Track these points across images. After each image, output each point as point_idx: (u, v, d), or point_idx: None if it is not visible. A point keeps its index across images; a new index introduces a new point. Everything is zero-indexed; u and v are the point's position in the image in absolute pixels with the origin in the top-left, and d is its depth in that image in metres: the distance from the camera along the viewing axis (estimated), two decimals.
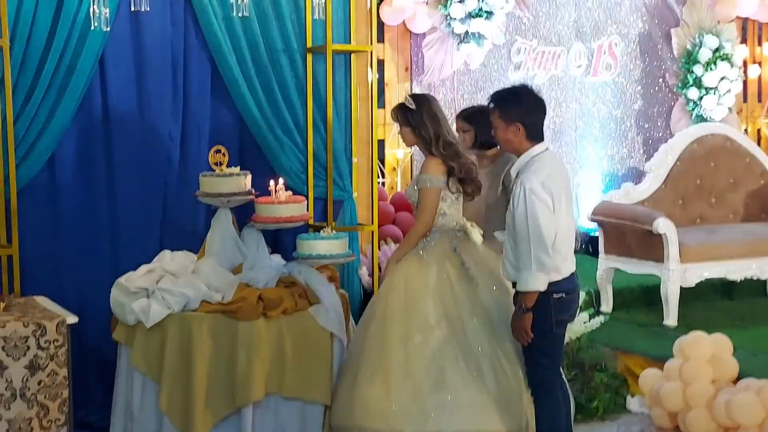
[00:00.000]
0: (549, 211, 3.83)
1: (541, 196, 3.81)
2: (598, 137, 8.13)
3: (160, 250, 4.98)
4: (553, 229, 3.83)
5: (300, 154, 5.53)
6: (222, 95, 5.37)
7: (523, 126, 3.89)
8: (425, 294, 4.29)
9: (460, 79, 7.41)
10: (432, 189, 4.40)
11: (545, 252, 3.82)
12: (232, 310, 4.50)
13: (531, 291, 3.88)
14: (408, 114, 4.50)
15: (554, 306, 3.93)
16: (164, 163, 5.23)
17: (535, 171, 3.87)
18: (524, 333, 3.95)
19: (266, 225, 4.84)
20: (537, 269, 3.83)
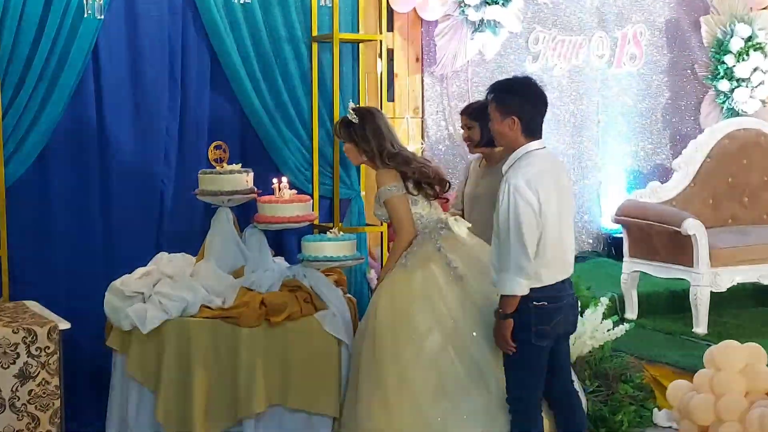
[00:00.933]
0: (533, 212, 3.80)
1: (526, 195, 3.79)
2: (622, 132, 8.11)
3: (156, 252, 5.01)
4: (535, 232, 3.81)
5: (305, 150, 5.56)
6: (222, 88, 5.41)
7: (519, 119, 3.87)
8: (412, 303, 4.32)
9: (474, 70, 7.40)
10: (396, 196, 4.47)
11: (525, 255, 3.79)
12: (234, 315, 4.52)
13: (509, 295, 3.87)
14: (351, 129, 4.56)
15: (534, 314, 3.89)
16: (161, 159, 5.27)
17: (522, 168, 3.85)
18: (504, 341, 3.93)
19: (269, 225, 4.87)
20: (516, 273, 3.82)
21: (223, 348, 4.52)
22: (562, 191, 3.95)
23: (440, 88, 7.33)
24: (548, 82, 7.72)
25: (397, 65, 7.28)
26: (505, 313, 3.89)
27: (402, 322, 4.28)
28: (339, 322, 4.65)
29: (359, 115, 4.57)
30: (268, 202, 4.86)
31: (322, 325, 4.61)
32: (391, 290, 4.40)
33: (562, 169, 4.06)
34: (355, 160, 4.69)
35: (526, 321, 3.89)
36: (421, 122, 7.30)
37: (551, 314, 3.93)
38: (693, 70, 8.22)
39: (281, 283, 4.77)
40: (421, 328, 4.25)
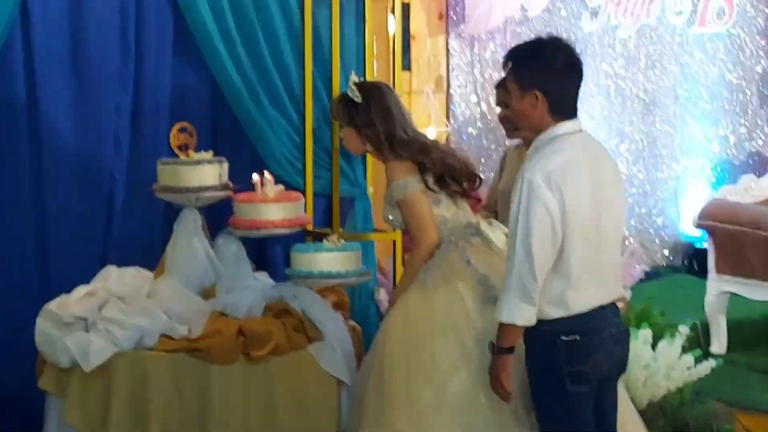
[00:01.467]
0: (549, 218, 3.73)
1: (542, 194, 3.71)
2: (706, 111, 8.10)
3: (103, 266, 5.00)
4: (549, 244, 3.74)
5: (295, 134, 5.57)
6: (188, 52, 5.41)
7: (544, 95, 3.82)
8: (432, 332, 4.28)
9: (514, 30, 7.39)
10: (412, 194, 4.45)
11: (530, 272, 3.72)
12: (202, 348, 4.52)
13: (507, 324, 3.80)
14: (352, 110, 4.56)
15: (565, 352, 3.81)
16: (109, 146, 5.28)
17: (543, 158, 3.78)
18: (499, 385, 3.87)
19: (249, 232, 4.87)
20: (517, 296, 3.74)
21: (190, 389, 4.51)
22: (604, 189, 3.87)
23: (470, 53, 7.33)
24: (610, 45, 7.73)
25: (415, 24, 7.27)
26: (500, 346, 3.83)
27: (419, 357, 4.26)
28: (338, 356, 4.64)
29: (363, 92, 4.57)
30: (247, 201, 4.87)
31: (316, 360, 4.61)
32: (405, 315, 4.38)
33: (606, 159, 3.98)
34: (355, 149, 4.69)
35: (555, 362, 3.82)
36: (445, 98, 7.30)
37: (589, 351, 3.85)
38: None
39: (264, 306, 4.77)
40: (444, 366, 4.23)
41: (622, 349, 3.99)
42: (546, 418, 3.94)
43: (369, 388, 4.33)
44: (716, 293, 6.66)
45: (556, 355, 3.81)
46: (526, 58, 3.89)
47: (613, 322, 3.93)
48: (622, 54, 7.74)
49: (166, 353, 4.54)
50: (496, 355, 3.85)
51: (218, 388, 4.50)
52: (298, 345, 4.63)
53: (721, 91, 8.14)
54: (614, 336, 3.92)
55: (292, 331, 4.65)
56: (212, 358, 4.50)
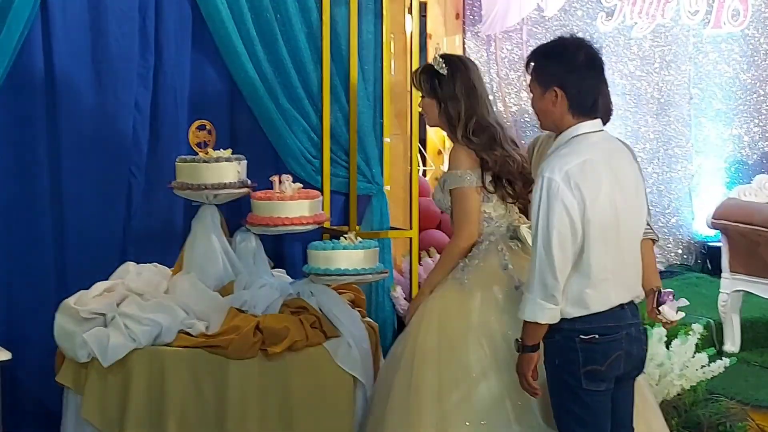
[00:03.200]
0: (568, 217, 3.72)
1: (561, 191, 3.71)
2: (720, 111, 8.07)
3: (122, 262, 5.00)
4: (569, 243, 3.74)
5: (313, 133, 5.55)
6: (207, 50, 5.39)
7: (564, 92, 3.81)
8: (466, 334, 4.23)
9: (531, 30, 7.40)
10: (468, 189, 4.37)
11: (551, 271, 3.72)
12: (221, 344, 4.51)
13: (531, 323, 3.81)
14: (435, 81, 4.48)
15: (582, 352, 3.80)
16: (129, 142, 5.26)
17: (563, 156, 3.77)
18: (526, 381, 3.87)
19: (266, 229, 4.85)
20: (539, 295, 3.75)
21: (207, 385, 4.51)
22: (624, 189, 3.86)
23: (487, 53, 7.34)
24: (626, 45, 7.73)
25: (432, 23, 7.29)
26: (525, 344, 3.85)
27: (450, 359, 4.21)
28: (354, 353, 4.63)
29: (449, 64, 4.46)
30: (266, 198, 4.84)
31: (333, 357, 4.61)
32: (441, 312, 4.32)
33: (626, 159, 3.96)
34: (432, 121, 4.55)
35: (573, 361, 3.82)
36: None
37: (606, 350, 3.84)
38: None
39: (281, 303, 4.76)
40: (474, 371, 4.18)
41: (640, 349, 3.97)
42: (563, 415, 3.93)
43: (398, 379, 4.27)
44: (730, 292, 6.65)
45: (574, 353, 3.82)
46: (546, 55, 3.90)
47: (632, 321, 3.91)
48: (637, 54, 7.74)
49: (184, 349, 4.54)
50: (524, 353, 3.86)
51: (235, 384, 4.49)
52: (315, 341, 4.62)
53: (735, 91, 8.11)
54: (632, 335, 3.90)
55: (309, 328, 4.63)
56: (230, 354, 4.50)
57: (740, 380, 5.95)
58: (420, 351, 4.26)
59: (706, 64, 8.01)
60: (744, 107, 8.14)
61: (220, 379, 4.49)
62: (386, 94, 5.67)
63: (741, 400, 5.72)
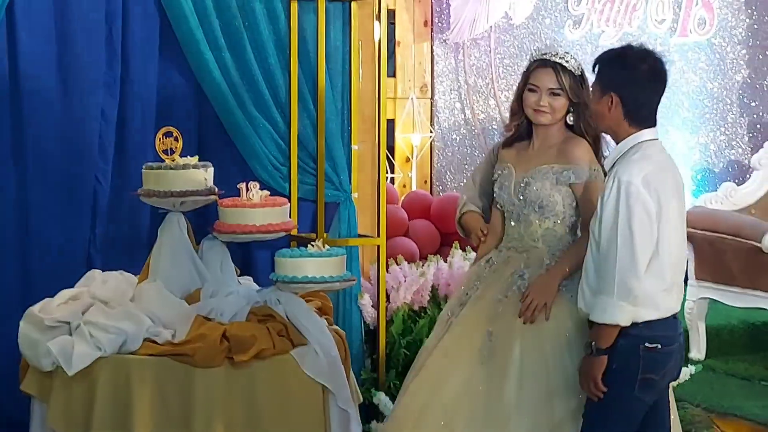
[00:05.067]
0: (648, 219, 3.78)
1: (641, 195, 3.76)
2: (687, 119, 8.11)
3: (87, 270, 4.97)
4: (650, 244, 3.79)
5: (281, 140, 5.53)
6: (174, 58, 5.38)
7: (620, 99, 3.88)
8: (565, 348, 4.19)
9: (499, 37, 7.40)
10: (600, 184, 4.22)
11: (634, 273, 3.76)
12: (187, 352, 4.49)
13: (609, 324, 3.82)
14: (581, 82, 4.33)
15: (644, 359, 3.85)
16: (95, 150, 5.24)
17: (636, 161, 3.82)
18: (593, 383, 3.88)
19: (234, 236, 4.83)
20: (620, 296, 3.76)
21: (173, 394, 4.49)
22: (682, 197, 3.97)
23: (455, 60, 7.34)
24: (593, 54, 7.67)
25: (400, 30, 7.29)
26: (600, 347, 3.86)
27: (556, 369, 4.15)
28: (322, 361, 4.62)
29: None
30: (233, 206, 4.82)
31: (300, 365, 4.60)
32: (557, 323, 4.19)
33: (677, 168, 4.05)
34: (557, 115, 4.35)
35: (633, 368, 3.85)
36: (430, 104, 7.30)
37: (664, 360, 3.90)
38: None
39: (249, 310, 4.74)
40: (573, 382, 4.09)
41: (682, 357, 4.07)
42: (598, 414, 3.95)
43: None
44: (696, 299, 6.68)
45: (635, 360, 3.86)
46: (610, 60, 3.97)
47: (681, 330, 4.00)
48: None
49: (150, 357, 4.51)
50: (595, 356, 3.87)
51: (202, 393, 4.47)
52: (283, 350, 4.61)
53: (702, 99, 8.15)
54: (681, 343, 4.00)
55: (276, 336, 4.62)
56: (196, 362, 4.47)
57: (706, 387, 5.96)
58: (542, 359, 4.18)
59: (672, 72, 7.84)
60: (710, 115, 8.18)
61: (186, 388, 4.47)
62: (354, 101, 5.67)
63: (706, 408, 5.74)
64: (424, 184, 7.36)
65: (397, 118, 7.27)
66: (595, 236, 3.88)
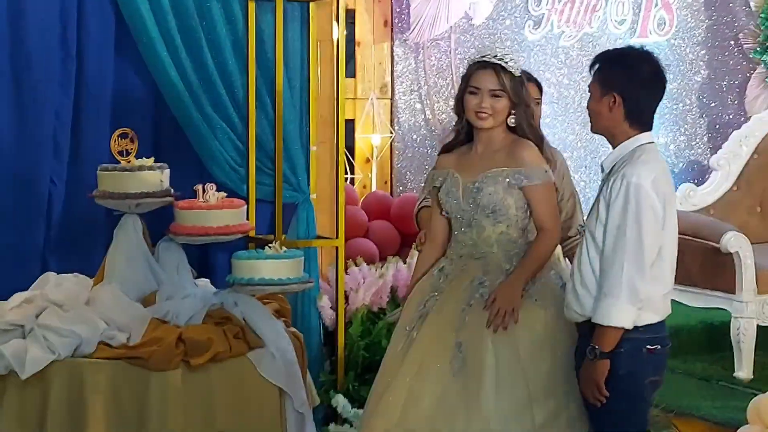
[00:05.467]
0: (656, 221, 3.80)
1: (650, 197, 3.76)
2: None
3: (41, 272, 4.96)
4: (656, 247, 3.81)
5: (238, 141, 5.51)
6: (130, 57, 5.35)
7: (622, 99, 3.87)
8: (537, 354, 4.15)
9: (459, 38, 7.39)
10: (553, 184, 4.26)
11: (641, 275, 3.76)
12: (142, 355, 4.49)
13: (614, 327, 3.80)
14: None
15: (648, 362, 3.88)
16: (49, 151, 5.21)
17: (645, 163, 3.81)
18: (596, 388, 3.85)
19: (190, 238, 4.83)
20: (628, 299, 3.76)
21: (128, 398, 4.48)
22: (674, 199, 4.02)
23: (415, 60, 7.32)
24: (553, 54, 7.74)
25: (360, 31, 7.26)
26: (603, 351, 3.83)
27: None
28: (279, 364, 4.64)
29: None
30: (189, 208, 4.82)
31: (256, 367, 4.61)
32: (527, 327, 4.13)
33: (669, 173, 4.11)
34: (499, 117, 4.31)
35: (640, 371, 3.88)
36: (390, 105, 7.29)
37: (663, 361, 3.96)
38: (737, 40, 8.24)
39: (205, 313, 4.74)
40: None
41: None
42: (608, 424, 3.93)
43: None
44: None
45: (640, 364, 3.87)
46: (612, 60, 3.95)
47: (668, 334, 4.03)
48: (564, 63, 7.76)
49: (104, 361, 4.51)
50: (599, 360, 3.84)
51: (157, 397, 4.47)
52: (239, 352, 4.62)
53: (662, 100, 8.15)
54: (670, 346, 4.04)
55: (232, 339, 4.63)
56: (151, 365, 4.48)
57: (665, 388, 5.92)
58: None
59: None
60: (670, 116, 8.19)
61: (141, 392, 4.47)
62: (313, 101, 5.67)
63: (665, 408, 5.73)
64: (384, 185, 7.35)
65: (357, 118, 7.26)
66: (595, 238, 3.87)
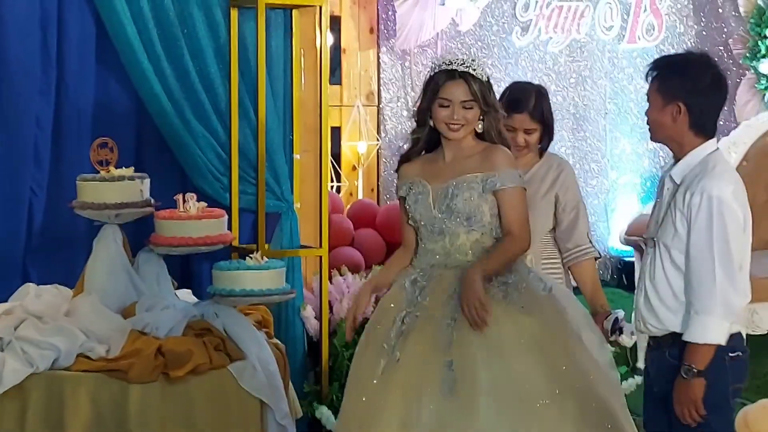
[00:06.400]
0: (741, 233, 3.78)
1: (733, 210, 3.74)
2: (635, 126, 8.10)
3: (22, 283, 4.96)
4: (741, 258, 3.78)
5: (221, 149, 5.50)
6: (112, 66, 5.33)
7: (687, 108, 3.83)
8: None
9: (445, 44, 7.37)
10: (523, 189, 4.20)
11: (734, 288, 3.72)
12: (121, 368, 4.47)
13: (710, 344, 3.75)
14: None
15: (731, 369, 3.83)
16: (29, 160, 5.19)
17: (721, 174, 3.79)
18: (696, 408, 3.79)
19: (170, 249, 4.80)
20: (723, 314, 3.72)
21: (107, 410, 4.46)
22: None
23: (401, 67, 7.31)
24: (541, 60, 7.73)
25: (346, 38, 7.24)
26: (699, 369, 3.77)
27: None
28: (260, 376, 4.62)
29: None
30: (169, 218, 4.79)
31: (237, 380, 4.59)
32: (514, 335, 4.05)
33: None
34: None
35: (722, 379, 3.83)
36: (376, 112, 7.27)
37: (746, 367, 3.92)
38: (727, 46, 8.24)
39: (185, 324, 4.72)
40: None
41: None
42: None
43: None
44: None
45: (723, 372, 3.82)
46: (672, 68, 3.90)
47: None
48: (552, 69, 7.75)
49: (84, 373, 4.48)
50: (695, 379, 3.79)
51: (137, 409, 4.46)
52: (220, 364, 4.60)
53: None
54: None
55: (213, 351, 4.61)
56: (130, 378, 4.46)
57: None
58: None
59: (621, 79, 8.04)
60: None
61: (121, 404, 4.45)
62: (296, 109, 5.65)
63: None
64: (371, 193, 7.32)
65: (343, 126, 7.24)
66: (671, 253, 3.82)
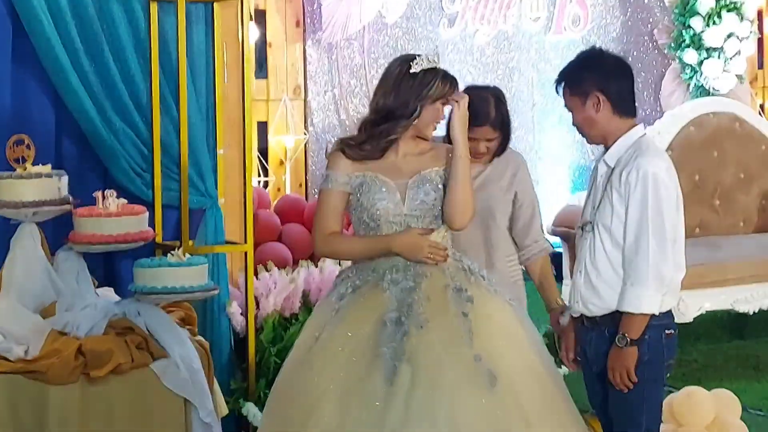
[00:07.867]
0: (674, 208, 3.93)
1: (668, 186, 3.89)
2: (563, 117, 8.08)
3: None
4: (674, 234, 3.94)
5: (143, 145, 5.43)
6: (29, 63, 5.23)
7: (604, 95, 3.97)
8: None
9: (372, 37, 7.37)
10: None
11: (666, 261, 3.89)
12: (40, 369, 4.41)
13: (644, 314, 3.92)
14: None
15: (667, 346, 4.03)
16: None
17: (655, 153, 3.95)
18: (627, 374, 3.99)
19: (89, 247, 4.73)
20: (655, 285, 3.88)
21: (26, 413, 4.40)
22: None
23: (328, 60, 7.30)
24: (468, 52, 7.74)
25: (272, 32, 7.22)
26: (632, 338, 3.95)
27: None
28: (184, 374, 4.58)
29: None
30: (88, 215, 4.72)
31: (160, 378, 4.55)
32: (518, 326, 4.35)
33: None
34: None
35: (661, 356, 4.02)
36: (303, 105, 7.26)
37: (676, 344, 4.10)
38: (652, 36, 8.30)
39: (106, 323, 4.66)
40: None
41: None
42: (634, 409, 4.08)
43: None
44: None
45: (661, 348, 4.00)
46: (577, 69, 4.11)
47: None
48: (480, 61, 7.78)
49: (1, 375, 4.40)
50: (629, 347, 3.96)
51: (56, 411, 4.40)
52: (142, 363, 4.55)
53: None
54: None
55: (135, 349, 4.56)
56: (50, 379, 4.40)
57: (579, 388, 5.96)
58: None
59: (548, 70, 8.08)
60: None
61: (40, 406, 4.39)
62: (219, 104, 5.59)
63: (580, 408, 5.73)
64: (299, 188, 7.31)
65: (270, 120, 7.22)
66: (611, 231, 3.97)
